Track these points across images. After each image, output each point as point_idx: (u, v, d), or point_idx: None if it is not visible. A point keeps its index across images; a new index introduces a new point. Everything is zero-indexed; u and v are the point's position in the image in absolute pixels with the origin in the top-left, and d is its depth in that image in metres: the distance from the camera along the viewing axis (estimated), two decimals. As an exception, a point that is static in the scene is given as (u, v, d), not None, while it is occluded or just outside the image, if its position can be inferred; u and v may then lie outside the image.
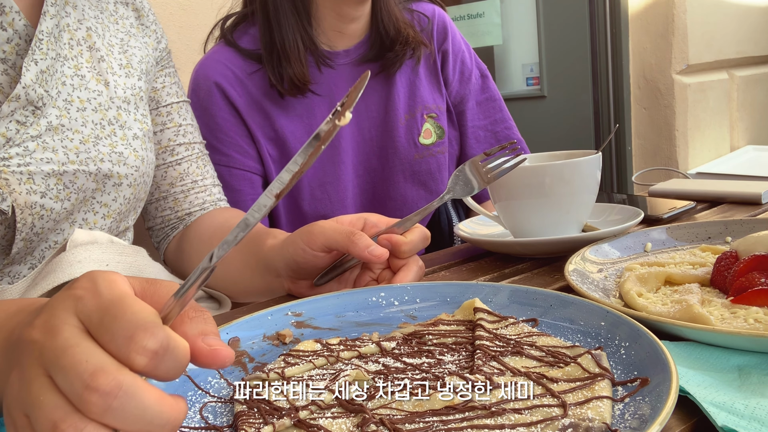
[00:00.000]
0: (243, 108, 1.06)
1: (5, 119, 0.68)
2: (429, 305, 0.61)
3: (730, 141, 3.09)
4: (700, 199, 1.05)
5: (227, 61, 1.06)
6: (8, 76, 0.70)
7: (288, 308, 0.59)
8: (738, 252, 0.60)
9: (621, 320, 0.49)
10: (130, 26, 0.88)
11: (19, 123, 0.69)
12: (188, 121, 0.95)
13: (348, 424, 0.41)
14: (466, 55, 1.23)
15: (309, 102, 1.09)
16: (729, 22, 2.92)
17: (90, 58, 0.79)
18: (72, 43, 0.77)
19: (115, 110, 0.80)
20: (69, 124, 0.74)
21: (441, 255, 0.88)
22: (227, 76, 1.05)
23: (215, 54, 1.08)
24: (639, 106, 2.90)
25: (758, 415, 0.39)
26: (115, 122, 0.79)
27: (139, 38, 0.89)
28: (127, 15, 0.88)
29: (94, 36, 0.81)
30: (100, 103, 0.78)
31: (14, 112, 0.69)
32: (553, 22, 2.93)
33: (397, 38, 1.09)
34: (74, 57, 0.77)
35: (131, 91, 0.83)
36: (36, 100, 0.70)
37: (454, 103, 1.21)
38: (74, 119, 0.75)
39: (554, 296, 0.56)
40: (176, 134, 0.92)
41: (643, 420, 0.37)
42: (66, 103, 0.74)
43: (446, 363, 0.49)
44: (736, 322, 0.51)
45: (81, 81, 0.77)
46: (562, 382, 0.44)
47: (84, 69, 0.78)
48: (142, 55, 0.88)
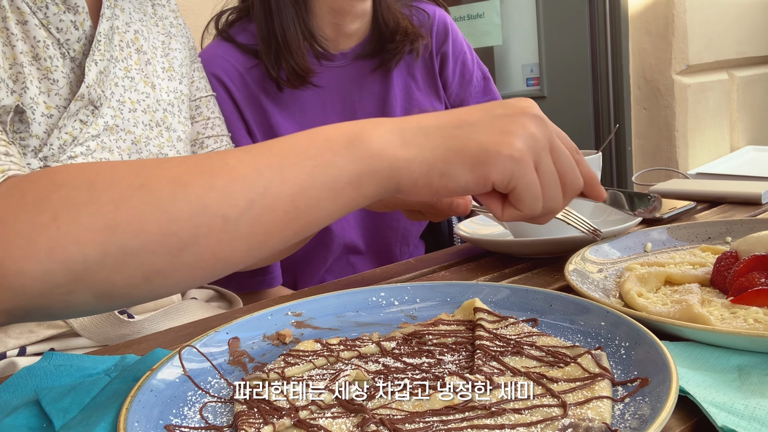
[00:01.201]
0: (242, 102, 1.06)
1: (71, 118, 0.69)
2: (429, 305, 0.61)
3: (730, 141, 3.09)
4: (700, 199, 1.05)
5: (226, 55, 1.06)
6: (75, 75, 0.71)
7: (288, 308, 0.59)
8: (738, 252, 0.60)
9: (621, 320, 0.49)
10: (170, 26, 0.89)
11: (82, 122, 0.71)
12: (216, 114, 0.95)
13: (348, 424, 0.41)
14: (468, 57, 1.22)
15: (303, 100, 1.08)
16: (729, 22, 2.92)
17: (138, 61, 0.80)
18: (122, 45, 0.78)
19: (162, 112, 0.81)
20: (122, 124, 0.75)
21: (441, 255, 0.88)
22: (227, 69, 1.05)
23: (214, 48, 1.08)
24: (639, 107, 2.91)
25: (758, 415, 0.39)
26: (162, 124, 0.81)
27: (178, 39, 0.89)
28: (166, 15, 0.89)
29: (141, 39, 0.82)
30: (149, 105, 0.79)
31: (78, 111, 0.70)
32: (553, 22, 2.93)
33: (396, 30, 1.08)
34: (124, 59, 0.78)
35: (174, 95, 0.84)
36: (95, 99, 0.72)
37: (454, 105, 1.21)
38: (126, 120, 0.76)
39: (554, 296, 0.56)
40: (205, 127, 0.93)
41: (643, 420, 0.37)
42: (119, 104, 0.75)
43: (446, 363, 0.49)
44: (735, 322, 0.51)
45: (131, 83, 0.78)
46: (562, 382, 0.44)
47: (133, 71, 0.79)
48: (182, 57, 0.88)
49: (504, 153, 0.51)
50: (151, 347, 0.56)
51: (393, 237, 1.18)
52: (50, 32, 0.69)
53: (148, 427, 0.41)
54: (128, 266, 0.43)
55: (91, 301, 0.44)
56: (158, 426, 0.41)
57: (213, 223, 0.45)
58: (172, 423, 0.42)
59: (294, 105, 1.09)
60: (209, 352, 0.51)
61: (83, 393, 0.47)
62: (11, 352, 0.66)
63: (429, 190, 0.52)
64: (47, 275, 0.42)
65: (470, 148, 0.51)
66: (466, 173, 0.51)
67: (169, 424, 0.42)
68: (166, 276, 0.45)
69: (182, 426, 0.42)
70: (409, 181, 0.51)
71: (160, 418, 0.42)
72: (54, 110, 0.68)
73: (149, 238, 0.43)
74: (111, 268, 0.43)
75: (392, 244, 1.18)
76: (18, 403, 0.47)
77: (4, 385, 0.49)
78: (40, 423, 0.45)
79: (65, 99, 0.69)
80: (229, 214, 0.45)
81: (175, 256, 0.44)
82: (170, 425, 0.42)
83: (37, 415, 0.45)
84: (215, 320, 0.67)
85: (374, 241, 1.17)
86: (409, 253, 1.22)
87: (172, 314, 0.75)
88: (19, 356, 0.67)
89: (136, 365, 0.50)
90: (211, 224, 0.45)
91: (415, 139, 0.51)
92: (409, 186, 0.51)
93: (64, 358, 0.52)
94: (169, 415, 0.43)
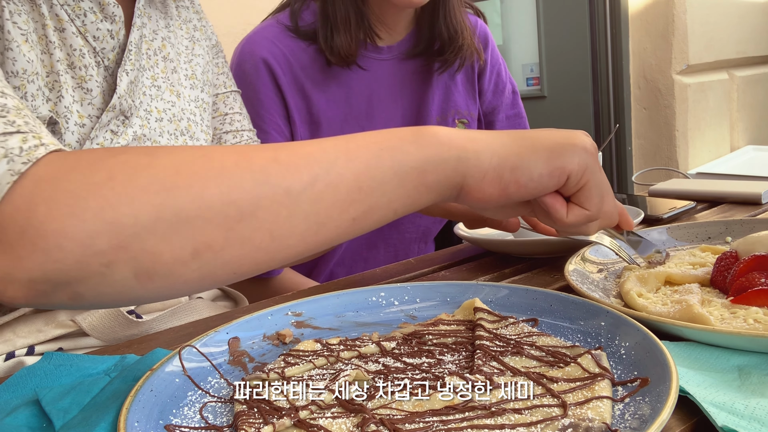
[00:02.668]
0: (286, 88, 1.06)
1: (103, 129, 0.69)
2: (429, 305, 0.61)
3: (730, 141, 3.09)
4: (700, 199, 1.05)
5: (275, 38, 1.06)
6: (108, 84, 0.71)
7: (288, 308, 0.59)
8: (738, 252, 0.60)
9: (621, 320, 0.49)
10: (194, 29, 0.88)
11: (112, 132, 0.70)
12: (235, 110, 0.94)
13: (348, 424, 0.41)
14: (502, 68, 1.25)
15: (348, 88, 1.09)
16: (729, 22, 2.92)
17: (164, 69, 0.80)
18: (149, 53, 0.78)
19: (186, 121, 0.81)
20: (149, 134, 0.75)
21: (441, 255, 0.88)
22: (275, 53, 1.05)
23: (263, 31, 1.08)
24: (639, 106, 2.91)
25: (758, 415, 0.39)
26: (186, 133, 0.80)
27: (201, 43, 0.88)
28: (190, 17, 0.88)
29: (168, 46, 0.81)
30: (174, 114, 0.79)
31: (110, 121, 0.70)
32: (553, 22, 2.93)
33: (450, 43, 1.09)
34: (151, 67, 0.78)
35: (195, 104, 0.84)
36: (126, 110, 0.71)
37: (486, 112, 1.23)
38: (153, 129, 0.75)
39: (554, 296, 0.56)
40: (222, 123, 0.92)
41: (643, 420, 0.37)
42: (146, 113, 0.75)
43: (446, 363, 0.49)
44: (735, 322, 0.51)
45: (158, 92, 0.78)
46: (562, 382, 0.44)
47: (160, 80, 0.79)
48: (204, 63, 0.88)
49: (579, 144, 0.52)
50: (151, 347, 0.56)
51: (413, 233, 1.19)
52: (87, 40, 0.69)
53: (148, 427, 0.41)
54: (180, 235, 0.41)
55: (130, 277, 0.41)
56: (158, 426, 0.41)
57: (275, 195, 0.43)
58: (172, 423, 0.42)
59: (338, 93, 1.09)
60: (209, 352, 0.51)
61: (83, 393, 0.47)
62: (20, 351, 0.66)
63: (498, 187, 0.51)
64: (90, 239, 0.39)
65: (544, 143, 0.52)
66: (542, 165, 0.51)
67: (169, 424, 0.42)
68: (216, 252, 0.42)
69: (182, 426, 0.42)
70: (477, 173, 0.50)
71: (160, 418, 0.42)
72: (86, 119, 0.68)
73: (207, 204, 0.41)
74: (161, 235, 0.40)
75: (411, 240, 1.19)
76: (18, 403, 0.47)
77: (4, 385, 0.49)
78: (40, 423, 0.45)
79: (98, 108, 0.69)
80: (293, 187, 0.44)
81: (231, 228, 0.42)
82: (170, 425, 0.42)
83: (37, 415, 0.45)
84: (215, 320, 0.67)
85: (392, 236, 1.17)
86: (426, 251, 1.24)
87: (179, 314, 0.75)
88: (28, 356, 0.67)
89: (136, 365, 0.50)
90: (272, 196, 0.43)
91: (483, 137, 0.51)
92: (477, 179, 0.50)
93: (64, 358, 0.52)
94: (169, 415, 0.43)
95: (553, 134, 0.53)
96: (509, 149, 0.51)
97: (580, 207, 0.54)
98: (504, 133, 0.53)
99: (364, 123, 1.11)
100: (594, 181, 0.53)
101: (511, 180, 0.51)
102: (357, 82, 1.09)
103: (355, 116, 1.10)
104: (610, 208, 0.57)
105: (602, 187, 0.54)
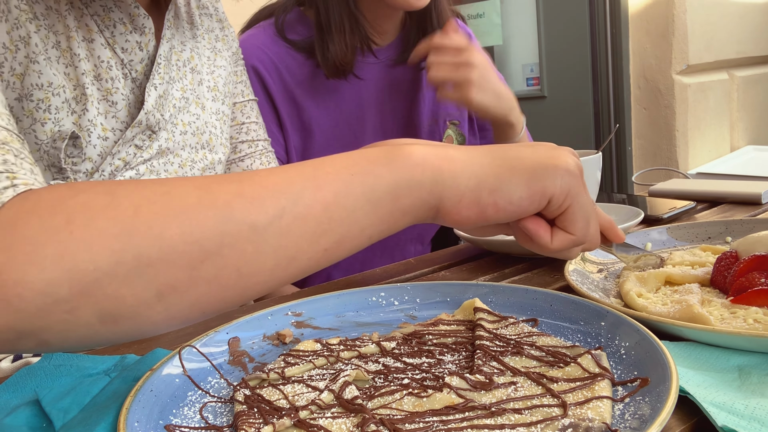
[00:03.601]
0: (277, 95, 1.05)
1: (126, 144, 0.69)
2: (429, 305, 0.61)
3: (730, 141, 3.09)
4: (700, 199, 1.05)
5: (264, 46, 1.05)
6: (134, 96, 0.70)
7: (288, 308, 0.59)
8: (738, 252, 0.60)
9: (621, 320, 0.49)
10: (215, 39, 0.87)
11: (137, 147, 0.70)
12: (252, 119, 0.94)
13: (348, 424, 0.41)
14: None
15: (339, 95, 1.09)
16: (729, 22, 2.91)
17: (192, 81, 0.79)
18: (179, 64, 0.77)
19: (208, 135, 0.80)
20: (173, 147, 0.74)
21: (441, 255, 0.88)
22: (264, 61, 1.05)
23: (252, 38, 1.07)
24: (639, 106, 2.90)
25: (758, 415, 0.39)
26: (207, 146, 0.80)
27: (223, 54, 0.87)
28: (212, 27, 0.87)
29: (196, 58, 0.80)
30: (198, 127, 0.78)
31: (135, 137, 0.69)
32: (553, 22, 2.93)
33: None
34: (180, 79, 0.77)
35: (216, 116, 0.83)
36: (154, 125, 0.71)
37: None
38: (177, 142, 0.75)
39: (554, 296, 0.56)
40: (238, 132, 0.92)
41: (643, 420, 0.37)
42: (173, 126, 0.74)
43: (446, 363, 0.49)
44: (735, 322, 0.51)
45: (185, 104, 0.77)
46: (562, 382, 0.44)
47: (188, 92, 0.78)
48: (226, 75, 0.87)
49: (561, 166, 0.49)
50: (151, 347, 0.56)
51: (409, 234, 1.19)
52: (115, 52, 0.68)
53: (148, 427, 0.41)
54: (142, 278, 0.39)
55: (94, 322, 0.39)
56: (158, 426, 0.41)
57: (239, 232, 0.41)
58: (172, 423, 0.42)
59: (328, 99, 1.09)
60: (209, 352, 0.51)
61: (83, 393, 0.47)
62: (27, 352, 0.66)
63: (476, 209, 0.49)
64: (50, 287, 0.37)
65: (525, 164, 0.49)
66: (522, 188, 0.49)
67: (169, 424, 0.42)
68: (181, 293, 0.41)
69: (182, 426, 0.42)
70: (453, 196, 0.48)
71: (160, 418, 0.42)
72: (110, 133, 0.67)
73: (169, 245, 0.40)
74: (123, 279, 0.39)
75: (407, 241, 1.19)
76: (18, 402, 0.47)
77: (4, 385, 0.49)
78: (40, 423, 0.45)
79: (122, 122, 0.69)
80: (258, 222, 0.42)
81: (195, 268, 0.40)
82: (170, 425, 0.42)
83: (37, 415, 0.45)
84: (215, 320, 0.67)
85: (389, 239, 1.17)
86: (422, 252, 1.23)
87: None
88: (35, 357, 0.67)
89: (136, 365, 0.50)
90: (237, 233, 0.41)
91: (461, 156, 0.49)
92: (453, 202, 0.48)
93: (64, 358, 0.52)
94: (169, 415, 0.43)
95: (536, 153, 0.51)
96: (488, 170, 0.49)
97: (564, 231, 0.52)
98: (484, 151, 0.50)
99: (356, 128, 1.10)
100: (577, 204, 0.51)
101: (489, 203, 0.49)
102: (347, 88, 1.09)
103: (347, 122, 1.09)
104: (595, 230, 0.54)
105: (586, 210, 0.52)
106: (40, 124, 0.63)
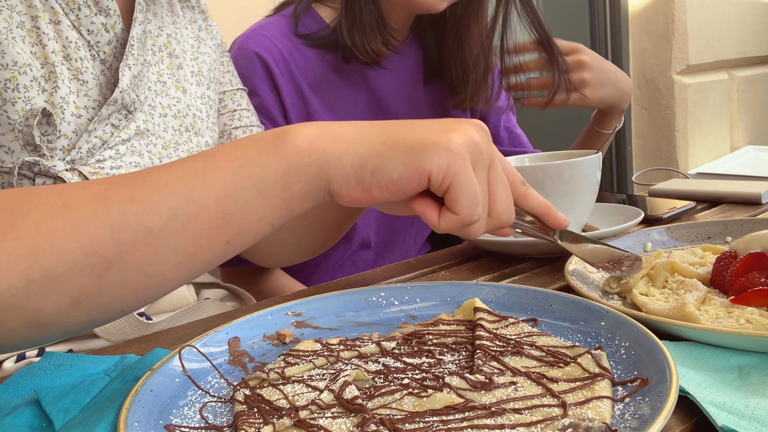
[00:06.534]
0: (283, 86, 1.05)
1: (103, 122, 0.69)
2: (429, 305, 0.61)
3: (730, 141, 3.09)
4: (700, 199, 1.05)
5: (273, 37, 1.05)
6: (105, 77, 0.71)
7: (288, 308, 0.59)
8: (737, 252, 0.60)
9: (621, 320, 0.49)
10: (199, 29, 0.88)
11: (113, 126, 0.71)
12: (243, 107, 0.94)
13: (348, 424, 0.41)
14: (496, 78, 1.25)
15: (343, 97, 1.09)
16: (729, 22, 2.92)
17: (170, 65, 0.80)
18: (155, 49, 0.78)
19: (191, 117, 0.81)
20: (153, 129, 0.75)
21: (441, 255, 0.88)
22: (272, 51, 1.04)
23: (261, 29, 1.07)
24: (639, 107, 2.91)
25: (758, 415, 0.39)
26: (191, 129, 0.80)
27: (206, 42, 0.88)
28: (195, 18, 0.88)
29: (174, 43, 0.82)
30: (179, 109, 0.79)
31: (111, 115, 0.70)
32: (553, 22, 2.92)
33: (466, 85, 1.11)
34: (156, 63, 0.78)
35: (202, 100, 0.84)
36: (129, 104, 0.72)
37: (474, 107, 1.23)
38: (157, 124, 0.76)
39: (554, 296, 0.56)
40: (231, 119, 0.92)
41: (643, 420, 0.37)
42: (150, 108, 0.75)
43: (446, 363, 0.49)
44: (727, 322, 0.51)
45: (163, 87, 0.78)
46: (562, 382, 0.44)
47: (165, 76, 0.79)
48: (210, 62, 0.88)
49: (441, 144, 0.48)
50: (151, 347, 0.56)
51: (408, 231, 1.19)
52: (81, 34, 0.69)
53: (148, 427, 0.41)
54: (54, 291, 0.42)
55: (22, 330, 0.42)
56: (158, 426, 0.41)
57: (136, 238, 0.43)
58: (172, 423, 0.42)
59: (334, 100, 1.09)
60: (209, 352, 0.51)
61: (83, 393, 0.47)
62: (30, 352, 0.66)
63: (361, 189, 0.49)
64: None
65: (406, 141, 0.49)
66: (400, 166, 0.48)
67: (169, 424, 0.42)
68: (94, 298, 0.43)
69: (182, 426, 0.42)
70: (340, 178, 0.48)
71: (160, 418, 0.42)
72: (83, 111, 0.68)
73: (72, 259, 0.42)
74: (37, 293, 0.41)
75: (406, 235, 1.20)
76: (18, 402, 0.47)
77: (4, 385, 0.49)
78: (40, 423, 0.45)
79: (94, 100, 0.70)
80: (152, 227, 0.44)
81: (101, 276, 0.43)
82: (170, 425, 0.42)
83: (37, 415, 0.45)
84: (215, 320, 0.67)
85: (386, 233, 1.17)
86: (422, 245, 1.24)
87: (189, 314, 0.75)
88: (38, 357, 0.67)
89: (136, 365, 0.50)
90: (134, 239, 0.43)
91: (348, 134, 0.49)
92: (341, 184, 0.49)
93: (64, 358, 0.52)
94: (169, 415, 0.43)
95: (419, 129, 0.50)
96: (370, 149, 0.48)
97: (450, 211, 0.50)
98: (372, 128, 0.50)
99: None
100: (458, 183, 0.48)
101: (372, 183, 0.49)
102: (351, 90, 1.09)
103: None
104: (501, 206, 0.52)
105: (469, 189, 0.49)
106: (10, 103, 0.64)
